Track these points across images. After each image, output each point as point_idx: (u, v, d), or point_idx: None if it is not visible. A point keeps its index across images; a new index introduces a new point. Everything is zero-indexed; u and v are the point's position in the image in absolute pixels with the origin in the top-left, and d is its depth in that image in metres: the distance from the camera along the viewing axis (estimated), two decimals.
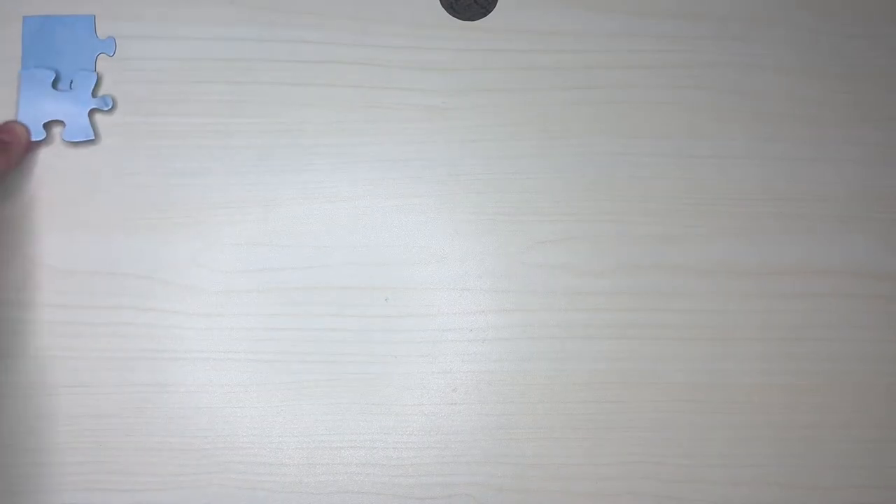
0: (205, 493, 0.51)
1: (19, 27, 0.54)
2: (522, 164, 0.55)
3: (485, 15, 0.56)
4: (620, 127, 0.55)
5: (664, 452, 0.53)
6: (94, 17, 0.54)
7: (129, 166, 0.53)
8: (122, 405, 0.51)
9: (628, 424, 0.53)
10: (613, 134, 0.55)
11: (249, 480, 0.51)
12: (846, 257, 0.55)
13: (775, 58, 0.57)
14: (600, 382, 0.53)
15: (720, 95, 0.56)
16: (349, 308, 0.53)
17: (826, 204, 0.55)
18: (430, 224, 0.54)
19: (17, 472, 0.51)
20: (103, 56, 0.54)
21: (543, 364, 0.53)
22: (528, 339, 0.53)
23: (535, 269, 0.54)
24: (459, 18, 0.56)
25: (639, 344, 0.54)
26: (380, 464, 0.52)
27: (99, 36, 0.54)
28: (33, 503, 0.50)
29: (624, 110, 0.55)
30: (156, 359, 0.52)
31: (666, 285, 0.54)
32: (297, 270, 0.53)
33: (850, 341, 0.54)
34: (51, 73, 0.53)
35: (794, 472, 0.53)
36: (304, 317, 0.53)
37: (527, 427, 0.53)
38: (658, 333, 0.54)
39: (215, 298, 0.53)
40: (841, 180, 0.56)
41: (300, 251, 0.53)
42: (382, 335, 0.53)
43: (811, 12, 0.57)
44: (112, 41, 0.54)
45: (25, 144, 0.52)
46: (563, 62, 0.56)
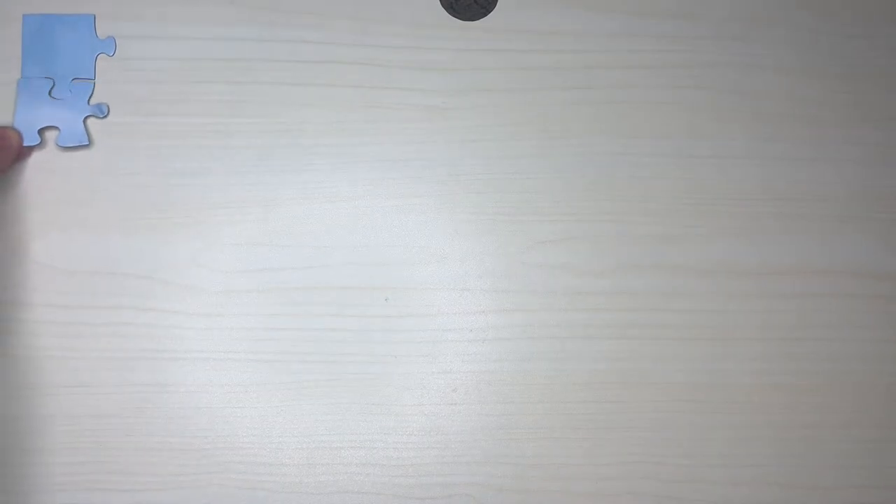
0: (205, 493, 0.51)
1: (19, 26, 0.54)
2: (522, 164, 0.55)
3: (485, 15, 0.56)
4: (620, 127, 0.55)
5: (664, 452, 0.53)
6: (94, 17, 0.54)
7: (128, 166, 0.53)
8: (122, 405, 0.51)
9: (628, 424, 0.53)
10: (613, 134, 0.55)
11: (249, 480, 0.51)
12: (846, 257, 0.55)
13: (775, 58, 0.57)
14: (600, 382, 0.53)
15: (720, 95, 0.56)
16: (349, 308, 0.53)
17: (826, 204, 0.55)
18: (430, 224, 0.54)
19: (17, 472, 0.51)
20: (103, 56, 0.54)
21: (543, 364, 0.53)
22: (528, 339, 0.53)
23: (535, 269, 0.54)
24: (459, 18, 0.56)
25: (639, 344, 0.54)
26: (380, 464, 0.52)
27: (99, 36, 0.54)
28: (34, 503, 0.51)
29: (624, 110, 0.55)
30: (156, 359, 0.52)
31: (666, 285, 0.54)
32: (297, 270, 0.53)
33: (850, 341, 0.54)
34: (49, 81, 0.53)
35: (794, 472, 0.53)
36: (304, 317, 0.53)
37: (527, 427, 0.53)
38: (658, 333, 0.54)
39: (215, 298, 0.53)
40: (841, 180, 0.56)
41: (300, 251, 0.53)
42: (382, 335, 0.53)
43: (811, 12, 0.57)
44: (112, 41, 0.54)
45: (17, 149, 0.52)
46: (563, 62, 0.56)
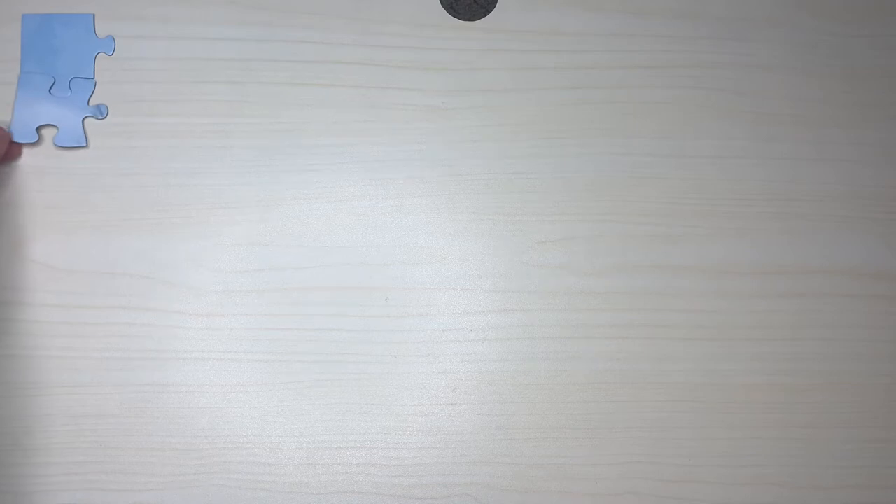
0: (205, 493, 0.51)
1: (18, 25, 0.54)
2: (522, 164, 0.55)
3: (485, 15, 0.56)
4: (620, 127, 0.55)
5: (664, 452, 0.53)
6: (94, 17, 0.54)
7: (128, 166, 0.53)
8: (122, 405, 0.51)
9: (628, 424, 0.53)
10: (613, 134, 0.55)
11: (249, 480, 0.51)
12: (846, 257, 0.55)
13: (775, 58, 0.57)
14: (600, 382, 0.53)
15: (720, 95, 0.56)
16: (349, 308, 0.53)
17: (826, 204, 0.55)
18: (430, 224, 0.54)
19: (17, 472, 0.51)
20: (102, 55, 0.54)
21: (543, 364, 0.53)
22: (528, 339, 0.53)
23: (535, 269, 0.54)
24: (459, 18, 0.56)
25: (639, 344, 0.54)
26: (380, 464, 0.52)
27: (98, 35, 0.54)
28: (33, 503, 0.50)
29: (624, 110, 0.56)
30: (156, 359, 0.52)
31: (666, 285, 0.54)
32: (297, 270, 0.53)
33: (850, 341, 0.54)
34: (49, 78, 0.53)
35: (794, 472, 0.53)
36: (304, 317, 0.53)
37: (527, 427, 0.53)
38: (658, 333, 0.54)
39: (215, 298, 0.53)
40: (841, 180, 0.56)
41: (300, 251, 0.53)
42: (382, 335, 0.53)
43: (811, 12, 0.57)
44: (111, 40, 0.54)
45: (5, 147, 0.52)
46: (563, 62, 0.56)
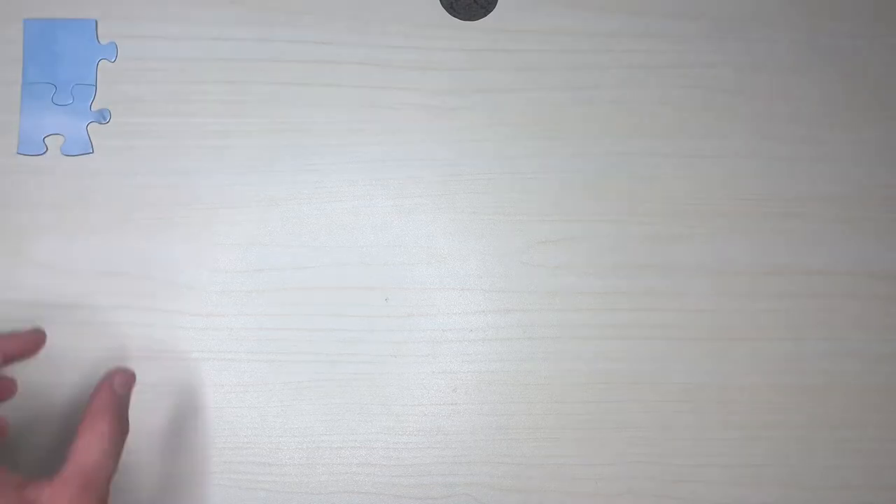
0: (205, 493, 0.51)
1: (20, 26, 0.54)
2: (522, 164, 0.55)
3: (485, 15, 0.56)
4: (620, 127, 0.55)
5: (664, 452, 0.53)
6: (96, 22, 0.54)
7: (128, 166, 0.53)
8: None
9: (628, 424, 0.53)
10: (613, 134, 0.55)
11: (249, 480, 0.51)
12: (846, 257, 0.55)
13: (775, 58, 0.57)
14: (600, 382, 0.53)
15: (720, 95, 0.56)
16: (349, 308, 0.53)
17: (826, 204, 0.55)
18: (430, 224, 0.54)
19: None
20: (104, 61, 0.54)
21: (543, 364, 0.53)
22: (528, 339, 0.53)
23: (535, 269, 0.54)
24: (459, 18, 0.56)
25: (638, 344, 0.54)
26: (380, 464, 0.52)
27: (100, 40, 0.54)
28: None
29: (624, 110, 0.55)
30: (156, 359, 0.52)
31: (666, 285, 0.54)
32: (297, 270, 0.53)
33: (850, 341, 0.54)
34: (51, 87, 0.53)
35: (794, 472, 0.53)
36: (304, 317, 0.53)
37: (527, 427, 0.53)
38: (658, 333, 0.54)
39: (215, 298, 0.53)
40: (841, 180, 0.56)
41: (300, 251, 0.53)
42: (382, 335, 0.53)
43: (811, 12, 0.57)
44: (113, 46, 0.54)
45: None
46: (563, 62, 0.56)
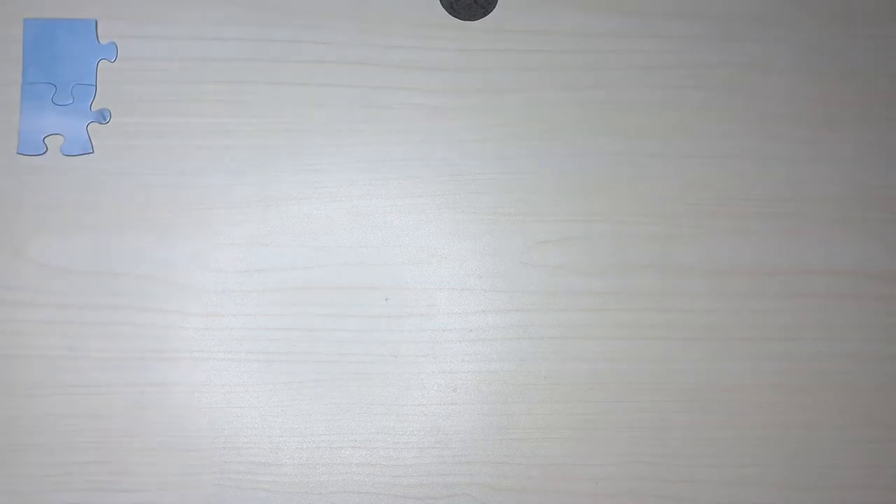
0: (205, 493, 0.51)
1: (20, 26, 0.54)
2: (522, 164, 0.55)
3: (485, 15, 0.56)
4: (620, 127, 0.55)
5: (664, 452, 0.53)
6: (96, 22, 0.54)
7: (128, 166, 0.53)
8: (122, 405, 0.51)
9: (628, 424, 0.53)
10: (613, 134, 0.55)
11: (249, 480, 0.51)
12: (845, 258, 0.55)
13: (775, 58, 0.57)
14: (600, 382, 0.53)
15: (720, 95, 0.56)
16: (349, 308, 0.53)
17: (826, 204, 0.55)
18: (429, 224, 0.54)
19: (17, 472, 0.51)
20: (104, 61, 0.54)
21: (543, 364, 0.53)
22: (528, 339, 0.53)
23: (535, 269, 0.54)
24: (459, 18, 0.56)
25: (639, 344, 0.54)
26: (380, 464, 0.52)
27: (100, 40, 0.54)
28: (34, 503, 0.51)
29: (624, 110, 0.55)
30: (156, 359, 0.52)
31: (665, 285, 0.54)
32: (297, 270, 0.53)
33: (849, 341, 0.54)
34: (51, 87, 0.53)
35: (794, 472, 0.53)
36: (304, 317, 0.53)
37: (527, 427, 0.53)
38: (658, 333, 0.54)
39: (215, 298, 0.53)
40: (841, 180, 0.56)
41: (300, 251, 0.53)
42: (382, 335, 0.53)
43: (811, 12, 0.57)
44: (113, 46, 0.54)
45: None
46: (563, 62, 0.56)
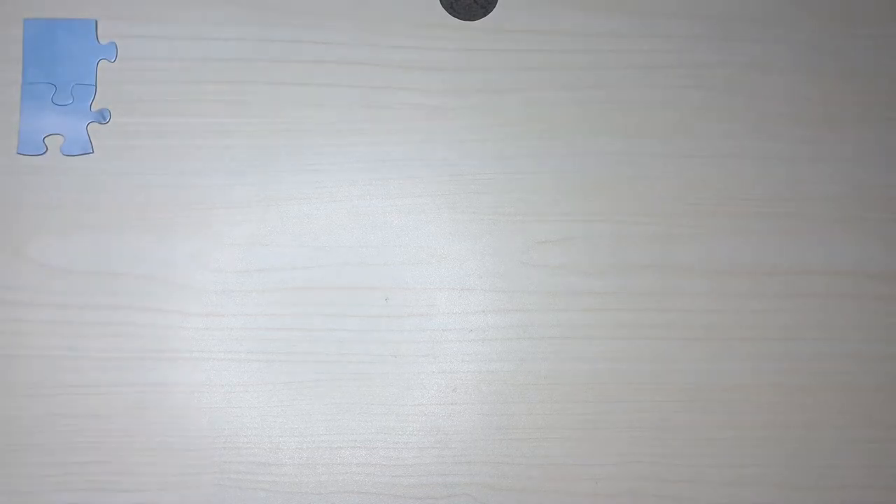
0: (205, 493, 0.51)
1: (20, 27, 0.54)
2: (522, 164, 0.55)
3: (485, 15, 0.56)
4: (620, 127, 0.55)
5: (664, 452, 0.53)
6: (96, 22, 0.54)
7: (128, 166, 0.53)
8: (122, 405, 0.51)
9: (628, 424, 0.53)
10: (613, 134, 0.55)
11: (249, 480, 0.51)
12: (845, 257, 0.55)
13: (775, 58, 0.57)
14: (600, 382, 0.53)
15: (720, 95, 0.56)
16: (349, 308, 0.53)
17: (825, 204, 0.55)
18: (429, 224, 0.54)
19: (17, 472, 0.51)
20: (104, 61, 0.54)
21: (543, 364, 0.53)
22: (528, 339, 0.53)
23: (535, 269, 0.54)
24: (459, 18, 0.56)
25: (638, 344, 0.54)
26: (380, 464, 0.52)
27: (100, 40, 0.54)
28: (34, 503, 0.51)
29: (624, 110, 0.55)
30: (156, 359, 0.52)
31: (665, 285, 0.54)
32: (297, 270, 0.53)
33: (849, 342, 0.54)
34: (51, 87, 0.53)
35: (794, 473, 0.53)
36: (304, 317, 0.53)
37: (527, 427, 0.53)
38: (658, 333, 0.54)
39: (215, 298, 0.53)
40: (840, 180, 0.56)
41: (300, 251, 0.53)
42: (382, 335, 0.53)
43: (811, 12, 0.57)
44: (113, 46, 0.54)
45: None
46: (563, 62, 0.56)
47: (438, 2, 0.56)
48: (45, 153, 0.53)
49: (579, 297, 0.54)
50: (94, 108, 0.54)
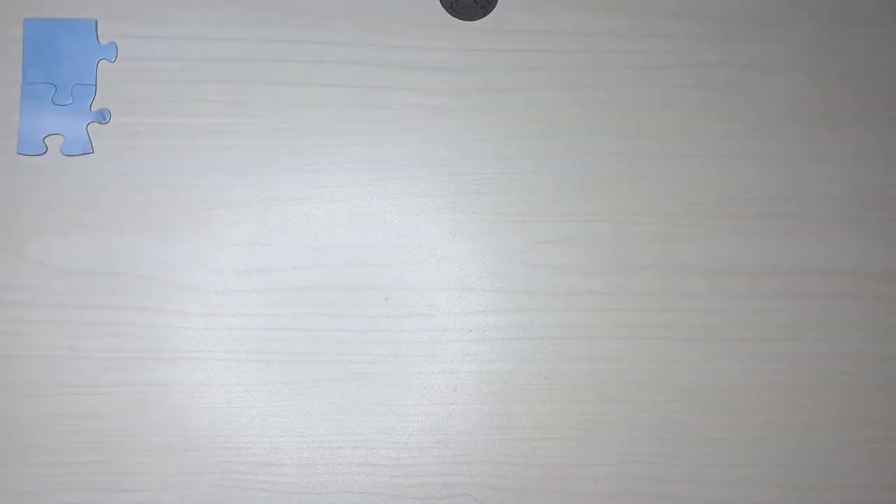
0: (205, 493, 0.51)
1: (20, 27, 0.54)
2: (522, 164, 0.55)
3: (485, 15, 0.56)
4: (620, 127, 0.55)
5: (664, 452, 0.53)
6: (96, 22, 0.54)
7: (128, 166, 0.53)
8: (122, 405, 0.52)
9: (628, 424, 0.53)
10: (613, 134, 0.55)
11: (249, 480, 0.51)
12: (845, 257, 0.55)
13: (775, 58, 0.57)
14: (600, 382, 0.53)
15: (720, 95, 0.56)
16: (349, 308, 0.53)
17: (825, 204, 0.55)
18: (429, 224, 0.54)
19: (17, 472, 0.51)
20: (104, 61, 0.54)
21: (543, 364, 0.53)
22: (528, 339, 0.53)
23: (535, 269, 0.54)
24: (459, 18, 0.56)
25: (638, 344, 0.54)
26: (380, 464, 0.52)
27: (100, 40, 0.54)
28: (34, 503, 0.51)
29: (624, 110, 0.55)
30: (156, 359, 0.52)
31: (665, 285, 0.54)
32: (297, 270, 0.53)
33: (849, 341, 0.54)
34: (51, 87, 0.53)
35: (794, 472, 0.53)
36: (304, 317, 0.53)
37: (527, 427, 0.53)
38: (658, 333, 0.54)
39: (215, 298, 0.53)
40: (840, 180, 0.56)
41: (300, 251, 0.53)
42: (382, 335, 0.53)
43: (811, 12, 0.57)
44: (113, 46, 0.54)
45: None
46: (563, 62, 0.56)
47: (438, 2, 0.56)
48: (45, 153, 0.53)
49: (579, 297, 0.54)
50: (94, 108, 0.54)
